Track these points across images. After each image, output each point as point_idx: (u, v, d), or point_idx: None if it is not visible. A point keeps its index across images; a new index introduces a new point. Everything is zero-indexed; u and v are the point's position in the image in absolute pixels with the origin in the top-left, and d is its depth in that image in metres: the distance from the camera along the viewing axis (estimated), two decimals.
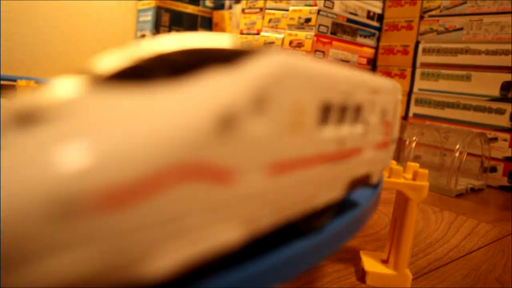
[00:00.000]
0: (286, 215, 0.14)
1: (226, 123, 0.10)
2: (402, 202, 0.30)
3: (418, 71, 0.85)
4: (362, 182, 0.20)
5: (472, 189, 0.68)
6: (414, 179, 0.29)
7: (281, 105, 0.12)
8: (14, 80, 0.95)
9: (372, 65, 0.95)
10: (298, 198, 0.14)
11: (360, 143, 0.18)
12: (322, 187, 0.16)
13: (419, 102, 0.85)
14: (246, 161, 0.11)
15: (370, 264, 0.31)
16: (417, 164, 0.31)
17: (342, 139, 0.16)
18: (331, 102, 0.15)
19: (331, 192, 0.16)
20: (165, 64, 0.11)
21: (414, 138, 0.71)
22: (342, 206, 0.18)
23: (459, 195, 0.64)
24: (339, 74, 0.16)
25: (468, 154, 0.67)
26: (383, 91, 0.20)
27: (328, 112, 0.15)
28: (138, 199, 0.08)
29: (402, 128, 0.83)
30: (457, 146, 0.65)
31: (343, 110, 0.16)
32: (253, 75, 0.11)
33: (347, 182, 0.17)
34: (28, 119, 0.09)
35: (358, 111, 0.17)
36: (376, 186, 0.22)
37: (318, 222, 0.16)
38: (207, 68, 0.11)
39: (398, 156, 0.83)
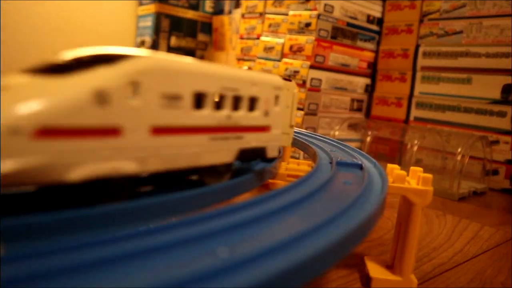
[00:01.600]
0: (173, 164, 0.21)
1: (100, 97, 0.17)
2: (406, 207, 0.30)
3: (418, 75, 0.86)
4: (257, 153, 0.27)
5: (475, 193, 0.68)
6: (418, 184, 0.29)
7: (151, 89, 0.19)
8: None
9: (373, 69, 0.96)
10: (183, 155, 0.21)
11: (244, 123, 0.25)
12: (209, 150, 0.23)
13: (420, 105, 0.85)
14: (128, 122, 0.18)
15: (375, 270, 0.31)
16: (421, 169, 0.31)
17: (223, 117, 0.23)
18: (205, 91, 0.22)
19: (220, 156, 0.24)
20: (75, 63, 0.18)
21: (415, 141, 0.71)
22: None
23: (462, 199, 0.64)
24: (215, 71, 0.23)
25: (470, 157, 0.67)
26: (264, 85, 0.27)
27: (204, 98, 0.22)
28: (57, 137, 0.16)
29: (403, 132, 0.83)
30: (459, 150, 0.64)
31: (222, 97, 0.23)
32: (127, 68, 0.18)
33: (237, 150, 0.25)
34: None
35: (239, 99, 0.24)
36: (381, 192, 0.22)
37: (211, 179, 0.24)
38: (97, 65, 0.18)
39: (400, 160, 0.83)
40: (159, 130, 0.19)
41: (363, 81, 0.95)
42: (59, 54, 0.20)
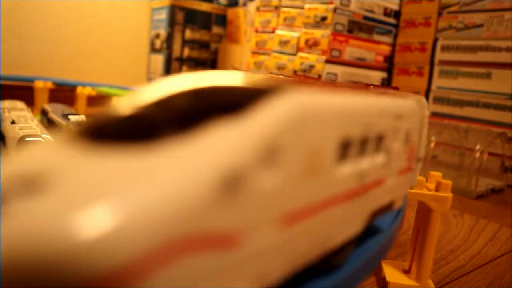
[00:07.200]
0: (302, 262, 0.13)
1: (232, 184, 0.10)
2: (424, 212, 0.30)
3: (436, 69, 0.84)
4: (385, 210, 0.19)
5: (493, 190, 0.67)
6: (437, 189, 0.29)
7: (295, 153, 0.11)
8: (32, 81, 0.96)
9: (389, 62, 0.94)
10: (314, 243, 0.13)
11: (382, 173, 0.17)
12: (341, 226, 0.15)
13: (438, 100, 0.84)
14: (255, 219, 0.11)
15: (391, 274, 0.31)
16: (439, 174, 0.30)
17: (363, 173, 0.15)
18: (351, 137, 0.14)
19: (350, 229, 0.16)
20: (168, 114, 0.11)
21: (432, 137, 0.70)
22: (363, 235, 0.18)
23: (480, 196, 0.63)
24: (359, 105, 0.15)
25: (488, 153, 0.66)
26: (407, 114, 0.20)
27: (347, 148, 0.14)
28: (148, 272, 0.08)
29: None
30: (478, 147, 0.63)
31: (364, 142, 0.15)
32: (263, 125, 0.10)
33: (368, 214, 0.17)
34: (31, 184, 0.09)
35: (380, 140, 0.17)
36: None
37: (338, 259, 0.15)
38: (213, 118, 0.10)
39: None
40: (294, 217, 0.12)
41: (379, 75, 0.93)
42: (118, 99, 0.12)
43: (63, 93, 1.10)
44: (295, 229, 0.12)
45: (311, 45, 0.84)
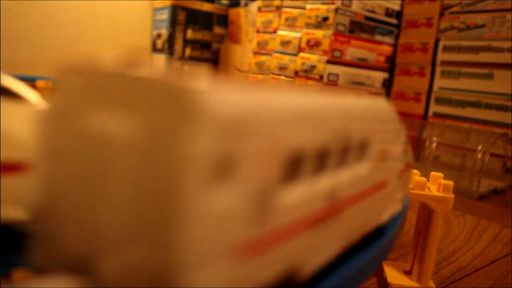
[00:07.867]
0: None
1: None
2: (426, 213, 0.29)
3: (438, 69, 0.84)
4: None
5: (495, 191, 0.67)
6: (438, 190, 0.29)
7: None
8: (33, 80, 0.96)
9: (391, 63, 0.94)
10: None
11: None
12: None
13: (439, 101, 0.84)
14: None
15: (393, 275, 0.31)
16: (441, 175, 0.30)
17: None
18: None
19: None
20: None
21: (434, 138, 0.70)
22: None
23: (481, 197, 0.63)
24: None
25: (490, 154, 0.66)
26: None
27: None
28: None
29: (422, 128, 0.82)
30: (479, 147, 0.63)
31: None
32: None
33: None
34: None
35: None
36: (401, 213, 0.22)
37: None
38: None
39: (418, 157, 0.82)
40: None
41: (381, 76, 0.93)
42: None
43: None
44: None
45: (313, 45, 0.84)
